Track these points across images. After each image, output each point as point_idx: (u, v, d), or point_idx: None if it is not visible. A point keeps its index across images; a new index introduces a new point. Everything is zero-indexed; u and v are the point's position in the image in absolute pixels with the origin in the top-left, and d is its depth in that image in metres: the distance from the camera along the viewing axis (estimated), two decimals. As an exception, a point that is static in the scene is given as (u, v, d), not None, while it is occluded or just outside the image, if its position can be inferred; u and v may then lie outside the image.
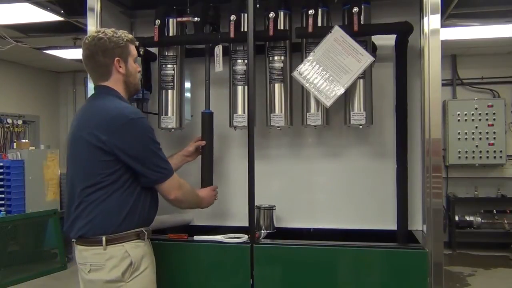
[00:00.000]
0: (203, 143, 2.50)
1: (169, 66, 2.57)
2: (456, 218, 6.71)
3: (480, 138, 6.68)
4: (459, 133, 6.72)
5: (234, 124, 2.51)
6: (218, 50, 2.49)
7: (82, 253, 1.98)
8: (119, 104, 2.02)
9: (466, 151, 6.71)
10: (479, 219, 6.75)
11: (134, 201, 1.99)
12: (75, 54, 6.55)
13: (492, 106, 6.70)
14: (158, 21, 2.48)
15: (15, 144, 6.28)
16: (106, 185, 1.93)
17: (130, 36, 2.11)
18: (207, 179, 2.52)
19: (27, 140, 6.58)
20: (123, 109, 1.98)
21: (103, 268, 1.93)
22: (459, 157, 6.72)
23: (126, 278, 1.94)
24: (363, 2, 2.37)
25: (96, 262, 1.94)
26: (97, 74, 2.08)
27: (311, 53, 2.34)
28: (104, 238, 1.92)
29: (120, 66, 2.05)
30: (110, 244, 1.93)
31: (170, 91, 2.57)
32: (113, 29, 2.08)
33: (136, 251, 1.98)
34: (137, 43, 2.17)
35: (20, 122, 7.47)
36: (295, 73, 2.36)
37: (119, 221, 1.95)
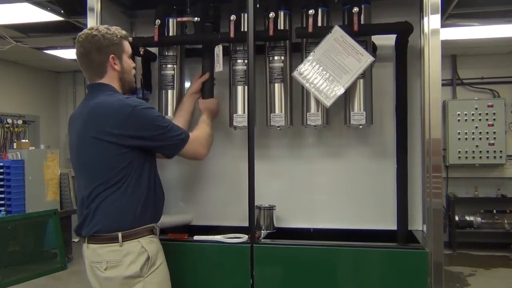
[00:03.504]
0: (207, 76, 2.52)
1: (169, 66, 2.57)
2: (456, 218, 6.71)
3: (480, 138, 6.68)
4: (459, 133, 6.72)
5: (234, 124, 2.51)
6: (218, 50, 2.49)
7: (97, 251, 1.98)
8: (118, 96, 2.04)
9: (466, 151, 6.71)
10: (479, 219, 6.75)
11: (146, 197, 2.01)
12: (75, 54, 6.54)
13: (492, 106, 6.70)
14: (158, 21, 2.48)
15: (15, 144, 6.27)
16: (119, 181, 1.95)
17: (124, 32, 2.11)
18: (208, 91, 2.54)
19: (27, 140, 6.58)
20: (124, 99, 2.00)
21: (120, 264, 1.94)
22: (459, 157, 6.72)
23: (144, 273, 1.96)
24: (363, 2, 2.37)
25: (113, 259, 1.95)
26: (92, 72, 2.08)
27: (311, 53, 2.34)
28: (120, 235, 1.94)
29: (115, 63, 2.06)
30: (126, 240, 1.95)
31: (170, 91, 2.56)
32: (106, 26, 2.08)
33: (151, 246, 2.00)
34: (130, 38, 2.17)
35: (20, 122, 7.47)
36: (295, 73, 2.36)
37: (134, 217, 1.97)
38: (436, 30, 2.16)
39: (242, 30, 2.44)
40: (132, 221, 1.97)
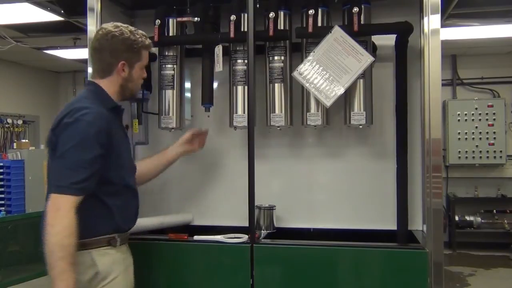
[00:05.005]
0: (196, 130, 2.47)
1: (169, 66, 2.56)
2: (456, 218, 6.72)
3: (480, 138, 6.69)
4: (459, 133, 6.73)
5: (234, 124, 2.51)
6: (218, 50, 2.49)
7: None
8: (85, 103, 1.86)
9: (466, 151, 6.72)
10: (479, 219, 6.76)
11: (103, 206, 1.88)
12: (75, 54, 6.56)
13: (492, 106, 6.71)
14: (158, 21, 2.48)
15: (15, 144, 6.28)
16: None
17: (148, 42, 2.01)
18: (206, 93, 2.52)
19: (27, 140, 6.58)
20: (80, 109, 1.82)
21: None
22: (459, 157, 6.73)
23: (93, 286, 1.85)
24: (363, 2, 2.37)
25: None
26: (98, 68, 1.99)
27: (311, 53, 2.34)
28: None
29: (123, 70, 1.97)
30: (77, 250, 1.77)
31: (170, 91, 2.56)
32: (132, 29, 1.97)
33: (104, 259, 1.87)
34: (153, 49, 2.08)
35: (20, 122, 7.48)
36: (295, 73, 2.36)
37: (85, 227, 1.79)
38: (436, 30, 2.15)
39: (242, 30, 2.44)
40: (83, 231, 1.77)
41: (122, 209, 1.95)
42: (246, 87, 2.44)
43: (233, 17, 2.40)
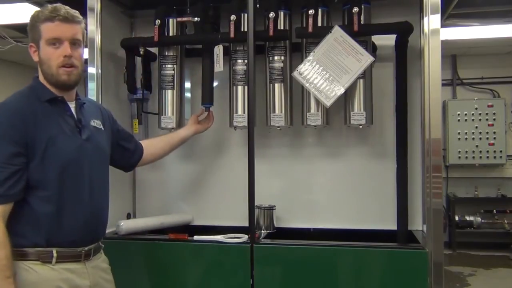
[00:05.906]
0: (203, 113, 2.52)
1: (169, 66, 2.56)
2: (456, 218, 6.71)
3: (480, 138, 6.69)
4: (459, 133, 6.72)
5: (234, 124, 2.51)
6: (218, 50, 2.49)
7: None
8: (6, 100, 1.75)
9: (466, 151, 6.71)
10: (479, 219, 6.75)
11: (30, 213, 1.64)
12: (75, 54, 6.53)
13: (492, 106, 6.70)
14: (158, 21, 2.48)
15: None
16: None
17: (44, 15, 1.70)
18: (206, 93, 2.53)
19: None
20: (3, 105, 1.71)
21: None
22: (459, 157, 6.72)
23: None
24: (363, 2, 2.37)
25: None
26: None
27: (311, 53, 2.34)
28: None
29: (34, 53, 1.75)
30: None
31: (170, 91, 2.56)
32: (47, 6, 1.73)
33: (26, 274, 1.60)
34: (57, 16, 1.70)
35: (20, 122, 7.47)
36: (295, 73, 2.36)
37: (16, 235, 1.61)
38: (436, 30, 2.15)
39: (242, 30, 2.44)
40: (13, 239, 1.60)
41: (57, 218, 1.67)
42: (246, 87, 2.44)
43: (233, 17, 2.39)
